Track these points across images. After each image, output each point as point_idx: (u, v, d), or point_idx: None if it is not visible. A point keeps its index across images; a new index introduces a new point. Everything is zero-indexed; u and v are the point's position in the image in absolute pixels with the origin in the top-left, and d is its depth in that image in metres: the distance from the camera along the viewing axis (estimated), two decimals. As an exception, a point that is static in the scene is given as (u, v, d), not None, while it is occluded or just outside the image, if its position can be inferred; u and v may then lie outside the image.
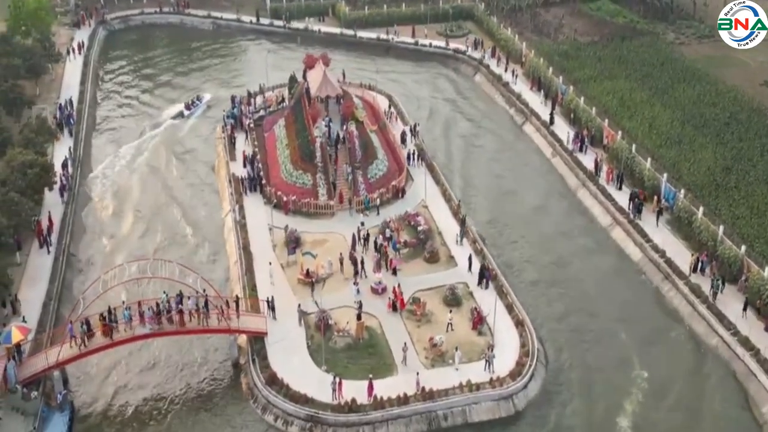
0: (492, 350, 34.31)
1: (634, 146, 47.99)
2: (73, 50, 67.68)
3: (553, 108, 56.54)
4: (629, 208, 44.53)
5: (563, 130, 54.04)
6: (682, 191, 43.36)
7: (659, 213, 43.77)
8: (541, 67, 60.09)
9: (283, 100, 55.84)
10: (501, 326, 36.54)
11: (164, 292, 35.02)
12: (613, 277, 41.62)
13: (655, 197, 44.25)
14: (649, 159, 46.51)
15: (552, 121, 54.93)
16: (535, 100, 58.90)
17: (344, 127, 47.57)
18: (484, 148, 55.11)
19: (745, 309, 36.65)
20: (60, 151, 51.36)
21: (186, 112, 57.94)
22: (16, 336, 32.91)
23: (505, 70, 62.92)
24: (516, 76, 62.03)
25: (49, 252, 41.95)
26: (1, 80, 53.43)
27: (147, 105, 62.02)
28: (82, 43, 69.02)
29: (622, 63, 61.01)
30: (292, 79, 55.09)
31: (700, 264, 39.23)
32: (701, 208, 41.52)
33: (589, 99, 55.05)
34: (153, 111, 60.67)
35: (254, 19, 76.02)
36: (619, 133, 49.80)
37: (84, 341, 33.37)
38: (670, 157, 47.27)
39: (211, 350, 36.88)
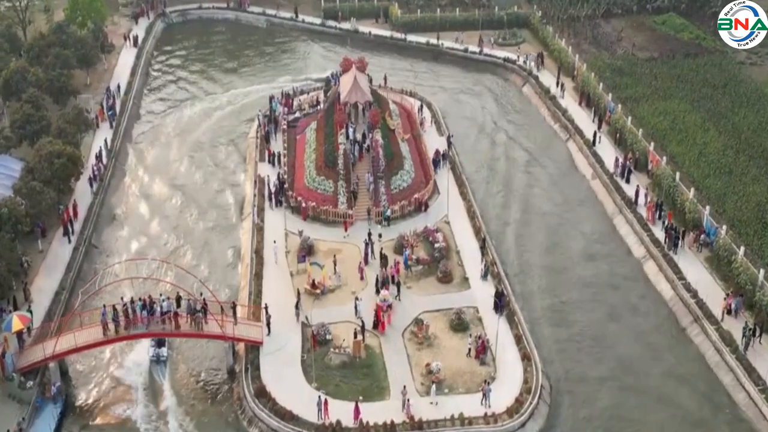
0: (489, 383, 32.46)
1: (678, 174, 44.80)
2: (129, 42, 69.48)
3: (599, 127, 53.68)
4: (665, 241, 41.55)
5: (608, 151, 51.17)
6: (725, 227, 40.08)
7: (698, 248, 40.66)
8: (591, 82, 57.19)
9: (318, 102, 55.36)
10: (506, 358, 34.78)
11: (161, 294, 35.02)
12: (638, 314, 38.90)
13: (692, 232, 41.09)
14: (692, 189, 43.26)
15: (595, 141, 52.09)
16: (582, 117, 56.10)
17: (370, 135, 46.53)
18: (520, 164, 52.90)
19: (780, 363, 33.47)
20: (99, 141, 52.72)
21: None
22: (17, 325, 33.63)
23: (557, 85, 60.20)
24: (564, 90, 59.32)
25: (70, 241, 42.89)
26: (51, 69, 55.16)
27: (192, 103, 62.62)
28: (136, 35, 70.53)
29: (679, 82, 57.27)
30: (328, 82, 54.48)
31: (733, 304, 36.07)
32: (743, 248, 38.21)
33: (638, 119, 51.92)
34: (197, 109, 61.22)
35: (306, 18, 76.01)
36: (664, 158, 46.63)
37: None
38: (717, 189, 43.85)
39: (210, 354, 36.70)
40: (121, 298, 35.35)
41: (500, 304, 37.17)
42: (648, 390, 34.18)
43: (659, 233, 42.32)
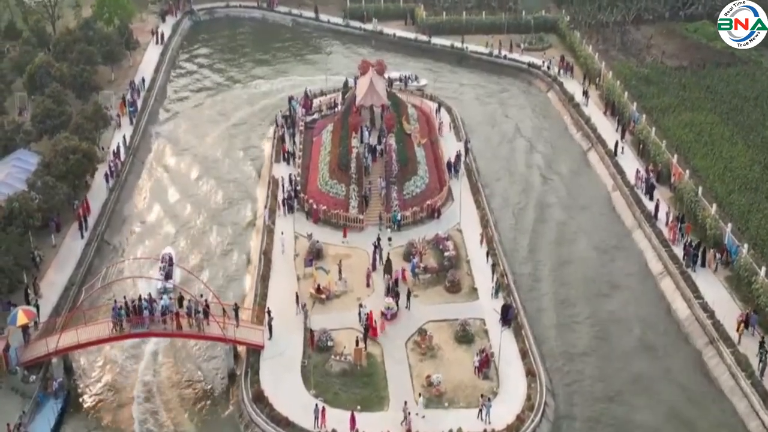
0: (489, 399, 31.69)
1: (701, 188, 43.35)
2: (156, 39, 70.17)
3: (622, 137, 52.34)
4: (683, 258, 40.20)
5: (630, 162, 49.83)
6: (746, 245, 38.59)
7: (716, 267, 39.26)
8: (616, 90, 55.80)
9: (335, 104, 55.09)
10: (510, 372, 33.93)
11: (164, 291, 35.02)
12: (651, 333, 37.63)
13: (712, 249, 39.69)
14: (714, 205, 41.79)
15: (617, 152, 50.76)
16: (606, 126, 54.78)
17: (384, 139, 46.05)
18: (539, 173, 51.87)
19: (797, 392, 32.03)
20: (118, 137, 53.23)
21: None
22: (21, 319, 34.01)
23: (584, 94, 58.77)
24: (588, 98, 58.02)
25: (83, 237, 43.29)
26: (75, 65, 55.93)
27: (214, 101, 62.87)
28: (163, 32, 71.13)
29: (709, 93, 55.48)
30: (346, 84, 54.18)
31: (748, 320, 34.83)
32: (764, 268, 36.72)
33: (663, 131, 50.43)
34: (218, 108, 61.46)
35: (332, 19, 75.89)
36: (687, 171, 45.18)
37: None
38: (740, 205, 42.25)
39: (212, 356, 36.62)
40: (123, 297, 35.44)
41: (508, 317, 36.35)
42: (657, 412, 33.00)
43: (678, 250, 40.93)
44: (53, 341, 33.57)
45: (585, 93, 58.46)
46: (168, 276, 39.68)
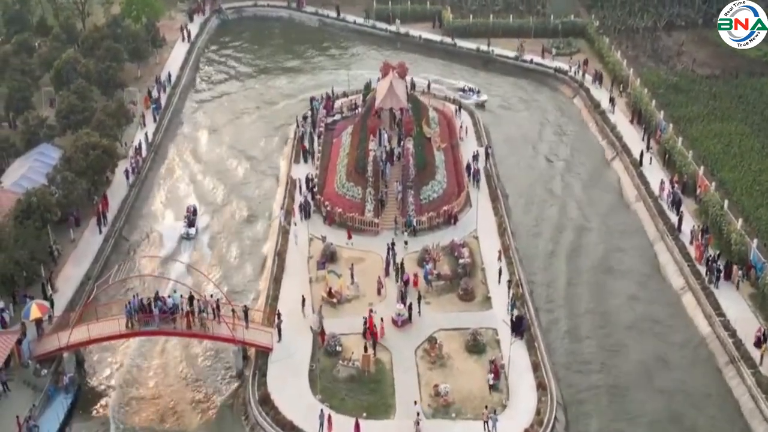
0: (494, 411, 31.03)
1: (727, 202, 42.01)
2: (183, 37, 70.74)
3: (647, 146, 51.08)
4: (706, 273, 38.98)
5: (655, 172, 48.58)
6: (773, 263, 37.30)
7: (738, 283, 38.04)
8: (644, 98, 54.50)
9: (356, 106, 54.81)
10: (521, 385, 33.21)
11: (175, 291, 35.09)
12: (670, 350, 36.50)
13: (735, 267, 38.42)
14: (740, 219, 40.45)
15: (642, 161, 49.52)
16: (632, 135, 53.53)
17: (402, 143, 45.60)
18: (561, 180, 50.90)
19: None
20: (141, 134, 53.66)
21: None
22: (35, 313, 34.39)
23: (611, 102, 57.45)
24: (615, 105, 56.78)
25: (101, 232, 43.69)
26: (101, 61, 56.59)
27: (238, 100, 63.12)
28: (189, 31, 71.63)
29: (740, 103, 53.87)
30: (367, 87, 53.87)
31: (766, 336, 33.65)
32: (791, 287, 35.45)
33: (690, 141, 49.07)
34: (241, 107, 61.64)
35: (358, 20, 75.71)
36: (713, 184, 43.85)
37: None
38: (768, 221, 40.91)
39: (222, 356, 36.58)
40: (135, 295, 35.60)
41: (521, 328, 35.62)
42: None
43: (701, 266, 39.69)
44: (65, 336, 33.86)
45: (611, 100, 57.25)
46: (191, 224, 45.06)
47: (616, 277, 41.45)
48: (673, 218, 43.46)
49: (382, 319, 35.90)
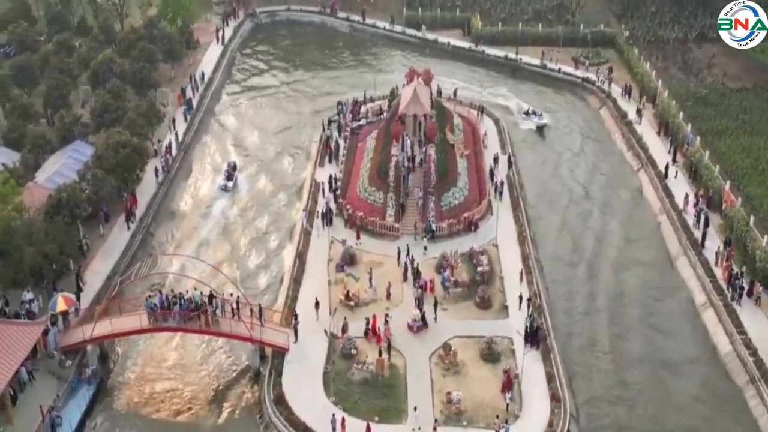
0: (506, 420, 30.59)
1: (752, 218, 40.84)
2: (218, 39, 71.51)
3: (673, 159, 49.98)
4: (728, 290, 37.93)
5: (681, 185, 47.49)
6: (798, 282, 36.13)
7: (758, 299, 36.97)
8: (671, 110, 53.35)
9: (382, 111, 54.72)
10: (534, 395, 32.69)
11: (195, 288, 35.35)
12: (688, 366, 35.64)
13: (758, 283, 37.32)
14: (766, 236, 39.27)
15: (668, 174, 48.45)
16: (658, 147, 52.44)
17: (423, 149, 45.34)
18: (585, 191, 50.08)
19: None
20: (172, 133, 54.27)
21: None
22: (61, 305, 34.99)
23: (638, 113, 56.30)
24: (641, 117, 55.70)
25: (129, 228, 44.29)
26: (136, 62, 57.47)
27: (268, 102, 63.48)
28: (223, 33, 72.36)
29: (772, 117, 52.45)
30: (393, 92, 53.74)
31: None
32: (816, 307, 34.26)
33: (717, 155, 47.86)
34: (271, 109, 62.09)
35: (387, 25, 75.70)
36: (739, 199, 42.67)
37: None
38: (795, 239, 39.57)
39: (240, 354, 36.77)
40: (158, 291, 35.97)
41: (537, 338, 35.08)
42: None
43: (723, 281, 38.70)
44: (89, 329, 34.37)
45: (638, 111, 56.20)
46: (229, 178, 49.72)
47: (635, 290, 40.61)
48: (697, 233, 42.36)
49: (385, 321, 35.71)
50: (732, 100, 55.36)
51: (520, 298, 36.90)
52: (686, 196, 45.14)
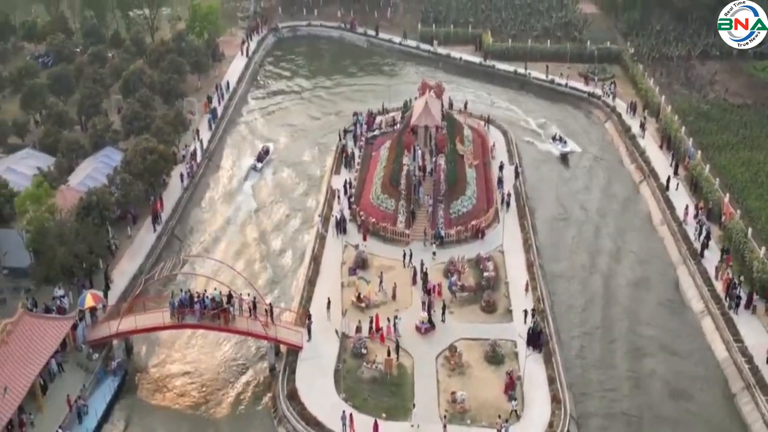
0: (506, 420, 30.52)
1: (750, 230, 40.43)
2: (242, 52, 72.23)
3: (675, 172, 49.63)
4: (726, 299, 37.57)
5: (682, 197, 47.12)
6: (793, 292, 35.68)
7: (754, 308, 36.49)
8: (673, 125, 52.99)
9: (395, 122, 54.92)
10: (536, 397, 32.58)
11: (215, 289, 35.69)
12: (685, 372, 35.33)
13: (755, 294, 36.92)
14: (764, 248, 38.85)
15: (669, 186, 48.11)
16: (661, 160, 52.08)
17: (434, 159, 45.44)
18: (588, 201, 49.85)
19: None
20: (197, 141, 54.80)
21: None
22: (89, 302, 35.53)
23: (641, 127, 56.09)
24: (645, 130, 55.38)
25: (155, 230, 44.83)
26: (164, 73, 58.22)
27: (289, 112, 63.87)
28: (247, 47, 73.06)
29: (772, 133, 51.86)
30: (406, 104, 53.92)
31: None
32: (811, 317, 33.81)
33: (717, 168, 47.46)
34: (291, 119, 62.42)
35: (401, 40, 75.98)
36: (738, 211, 42.26)
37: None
38: (792, 251, 39.10)
39: (257, 350, 37.03)
40: (180, 290, 36.37)
41: (539, 342, 34.98)
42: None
43: (719, 285, 38.36)
44: (115, 325, 34.86)
45: (642, 125, 55.89)
46: (260, 159, 53.12)
47: (637, 298, 40.37)
48: (697, 244, 41.99)
49: (388, 320, 35.83)
50: (733, 115, 54.87)
51: (525, 312, 36.43)
52: (686, 208, 44.80)
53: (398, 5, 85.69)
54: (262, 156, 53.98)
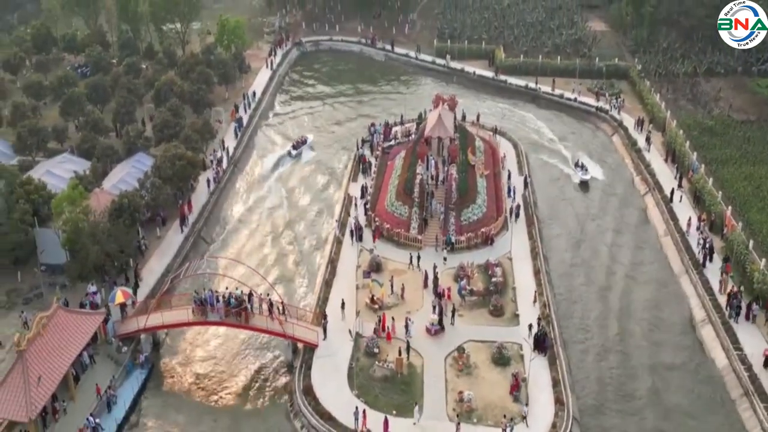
0: (512, 419, 30.43)
1: (752, 242, 39.96)
2: (267, 64, 72.99)
3: (679, 184, 49.19)
4: (726, 308, 37.14)
5: (685, 209, 46.69)
6: (793, 303, 35.19)
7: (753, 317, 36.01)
8: (678, 139, 52.55)
9: (410, 133, 55.11)
10: (540, 398, 32.45)
11: (236, 288, 36.05)
12: (685, 379, 34.97)
13: (753, 302, 36.43)
14: (764, 260, 38.37)
15: (673, 198, 47.70)
16: (665, 173, 51.65)
17: (446, 169, 45.53)
18: (594, 211, 49.57)
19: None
20: (223, 148, 55.48)
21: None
22: (119, 298, 36.09)
23: (647, 141, 55.71)
24: (650, 144, 54.97)
25: (182, 232, 45.43)
26: (194, 83, 59.03)
27: (311, 121, 64.31)
28: (272, 60, 73.83)
29: (774, 148, 51.20)
30: (420, 116, 54.09)
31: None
32: (809, 327, 33.32)
33: (720, 182, 46.97)
34: (313, 126, 62.90)
35: (418, 55, 76.23)
36: (740, 224, 41.78)
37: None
38: (792, 263, 38.56)
39: (277, 347, 37.30)
40: (204, 288, 36.81)
41: (544, 345, 34.86)
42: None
43: (723, 299, 37.91)
44: (143, 320, 35.37)
45: (647, 139, 55.50)
46: (296, 147, 56.19)
47: (639, 305, 40.07)
48: (699, 254, 41.58)
49: (393, 319, 35.98)
50: (736, 131, 54.28)
51: (530, 326, 36.03)
52: (689, 220, 44.40)
53: (416, 22, 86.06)
54: (299, 144, 56.38)
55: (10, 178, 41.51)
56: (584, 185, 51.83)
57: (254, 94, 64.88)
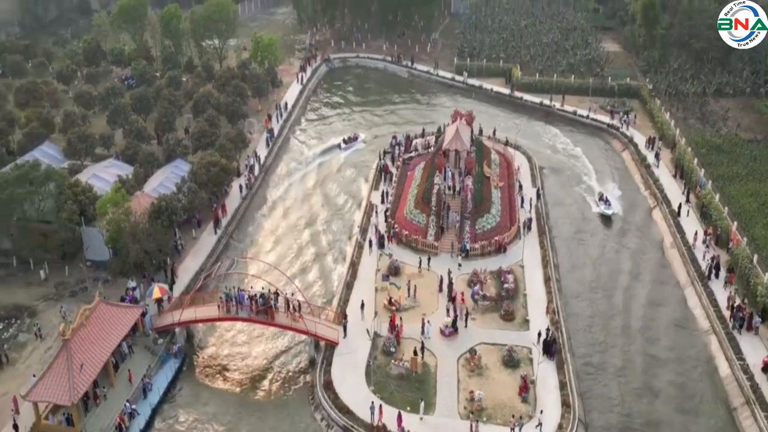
0: (521, 417, 30.31)
1: (756, 256, 39.26)
2: (298, 79, 73.91)
3: (686, 199, 48.53)
4: (730, 319, 36.52)
5: (692, 223, 46.06)
6: (795, 316, 34.47)
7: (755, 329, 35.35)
8: (687, 156, 51.87)
9: (429, 145, 55.30)
10: (547, 401, 32.27)
11: (262, 288, 36.53)
12: (689, 385, 34.47)
13: (754, 314, 35.77)
14: (767, 274, 37.67)
15: (680, 212, 47.09)
16: (673, 188, 51.02)
17: (462, 179, 45.61)
18: (603, 222, 49.07)
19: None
20: (255, 156, 56.26)
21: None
22: (156, 293, 36.87)
23: (656, 157, 55.10)
24: (659, 160, 54.34)
25: (216, 233, 46.20)
26: (229, 96, 60.06)
27: (338, 133, 64.29)
28: (303, 75, 74.71)
29: (780, 166, 50.25)
30: (439, 130, 54.25)
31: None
32: (811, 341, 32.60)
33: (727, 197, 46.24)
34: (342, 135, 62.84)
35: (439, 72, 76.46)
36: (745, 239, 41.08)
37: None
38: (796, 278, 37.80)
39: (301, 343, 37.68)
40: (234, 287, 37.38)
41: (552, 350, 34.67)
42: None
43: (726, 310, 37.29)
44: (178, 315, 36.05)
45: (657, 155, 54.88)
46: (347, 142, 58.34)
47: (645, 314, 39.58)
48: (704, 267, 40.97)
49: (401, 319, 36.16)
50: (743, 149, 53.43)
51: (539, 334, 35.68)
52: (696, 233, 43.79)
53: (438, 41, 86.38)
54: (350, 140, 57.95)
55: (60, 180, 42.72)
56: (606, 219, 48.61)
57: (286, 105, 65.75)
